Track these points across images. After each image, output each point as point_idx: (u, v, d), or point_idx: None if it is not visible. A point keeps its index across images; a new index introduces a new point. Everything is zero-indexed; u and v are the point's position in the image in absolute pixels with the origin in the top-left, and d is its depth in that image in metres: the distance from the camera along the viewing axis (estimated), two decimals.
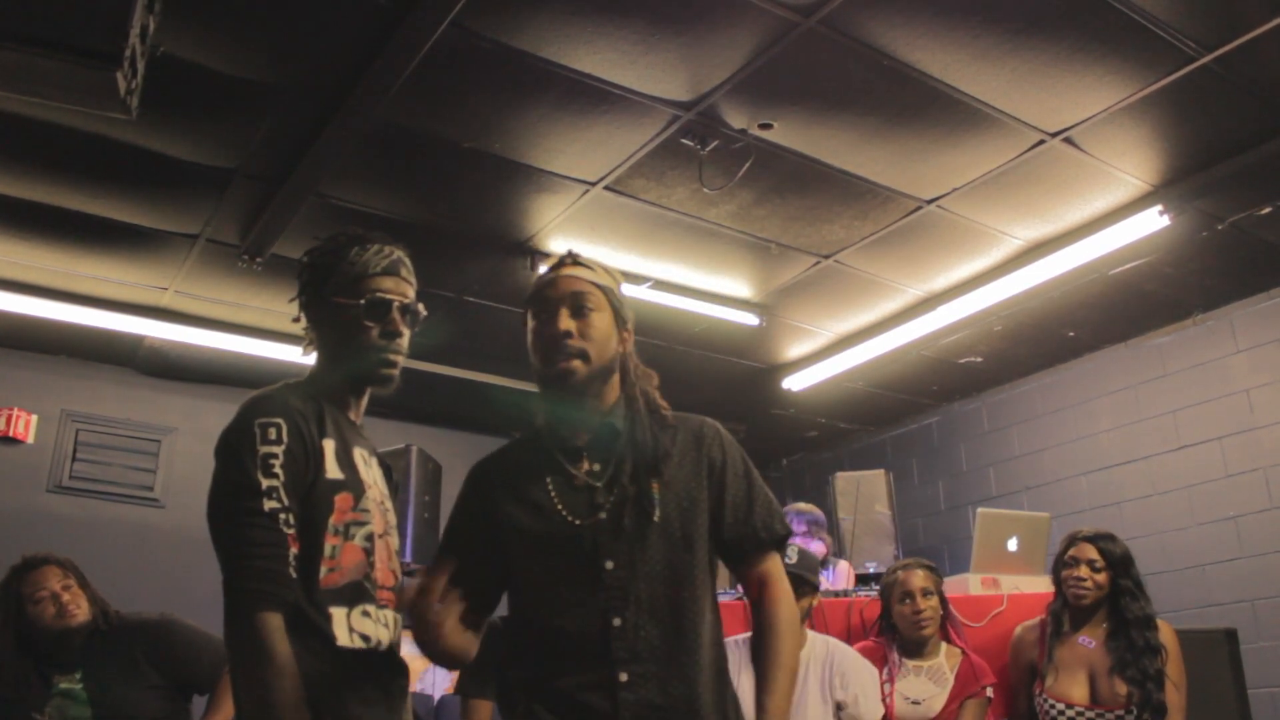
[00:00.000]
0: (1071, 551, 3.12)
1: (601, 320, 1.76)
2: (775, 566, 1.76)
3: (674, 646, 1.61)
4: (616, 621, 1.60)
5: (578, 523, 1.66)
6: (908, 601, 3.21)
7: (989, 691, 3.12)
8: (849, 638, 3.34)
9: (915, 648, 3.22)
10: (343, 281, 1.77)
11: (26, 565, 2.77)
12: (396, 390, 1.82)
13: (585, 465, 1.73)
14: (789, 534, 1.80)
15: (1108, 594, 3.05)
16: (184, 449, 5.57)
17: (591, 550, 1.64)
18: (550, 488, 1.71)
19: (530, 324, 1.83)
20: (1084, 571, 3.05)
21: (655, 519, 1.66)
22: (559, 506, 1.68)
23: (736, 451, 1.79)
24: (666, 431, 1.76)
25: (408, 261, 1.84)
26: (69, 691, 2.67)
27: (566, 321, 1.74)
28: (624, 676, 1.58)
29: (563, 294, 1.78)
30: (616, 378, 1.80)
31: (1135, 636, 2.95)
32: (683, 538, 1.67)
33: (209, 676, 2.76)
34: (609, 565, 1.63)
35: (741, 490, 1.75)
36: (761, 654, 1.69)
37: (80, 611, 2.72)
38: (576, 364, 1.72)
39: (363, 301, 1.75)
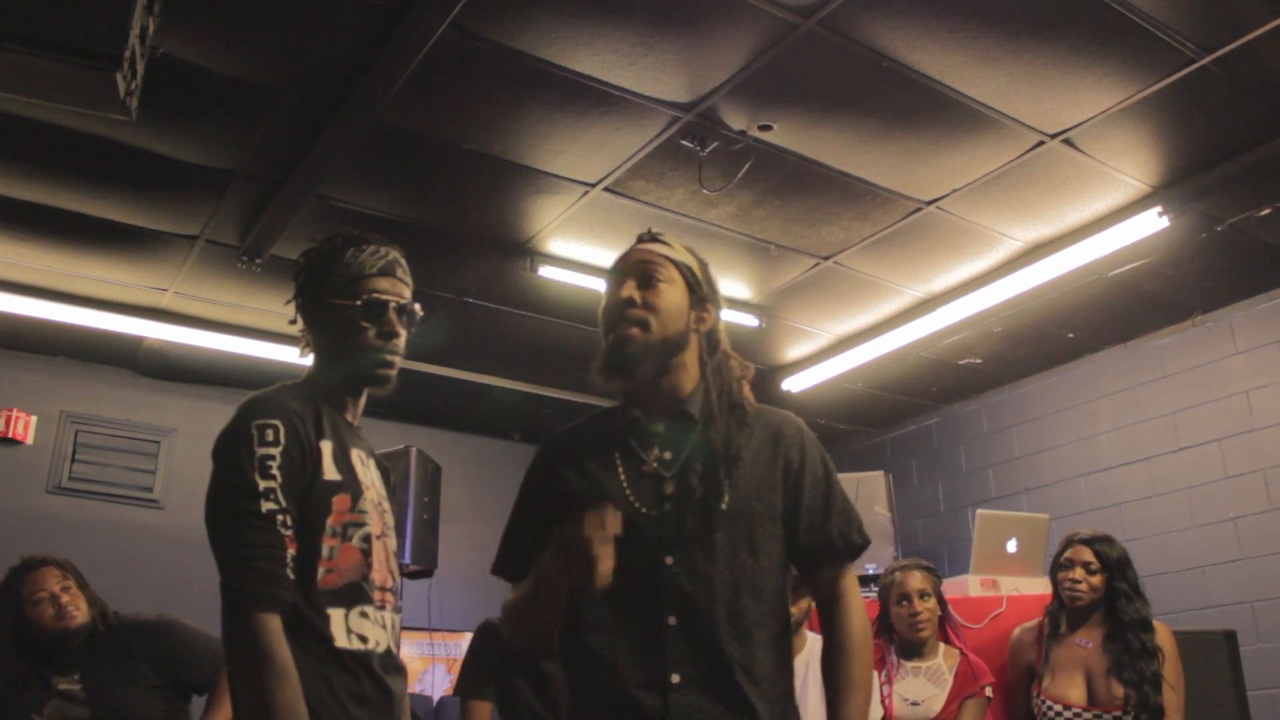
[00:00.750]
0: (1067, 554, 3.12)
1: (671, 292, 1.71)
2: (849, 579, 1.68)
3: (732, 653, 1.54)
4: (672, 620, 1.55)
5: (645, 510, 1.61)
6: (904, 603, 3.21)
7: (988, 691, 3.12)
8: None
9: (913, 649, 3.22)
10: (338, 283, 1.77)
11: (25, 566, 2.77)
12: (394, 391, 1.82)
13: (656, 452, 1.67)
14: (867, 544, 1.71)
15: (1104, 596, 3.05)
16: (183, 450, 5.57)
17: (655, 543, 1.60)
18: (620, 471, 1.66)
19: (603, 303, 1.77)
20: (1079, 574, 3.06)
21: (720, 519, 1.60)
22: (627, 492, 1.63)
23: (817, 453, 1.71)
24: (744, 430, 1.68)
25: (404, 262, 1.84)
26: (68, 692, 2.66)
27: (631, 289, 1.70)
28: (676, 678, 1.53)
29: (632, 265, 1.74)
30: (693, 361, 1.72)
31: (1131, 639, 2.95)
32: (748, 542, 1.60)
33: (208, 677, 2.77)
34: (669, 561, 1.58)
35: (819, 496, 1.68)
36: (834, 674, 1.64)
37: (79, 613, 2.72)
38: (635, 331, 1.66)
39: (359, 302, 1.75)
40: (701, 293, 1.75)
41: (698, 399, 1.70)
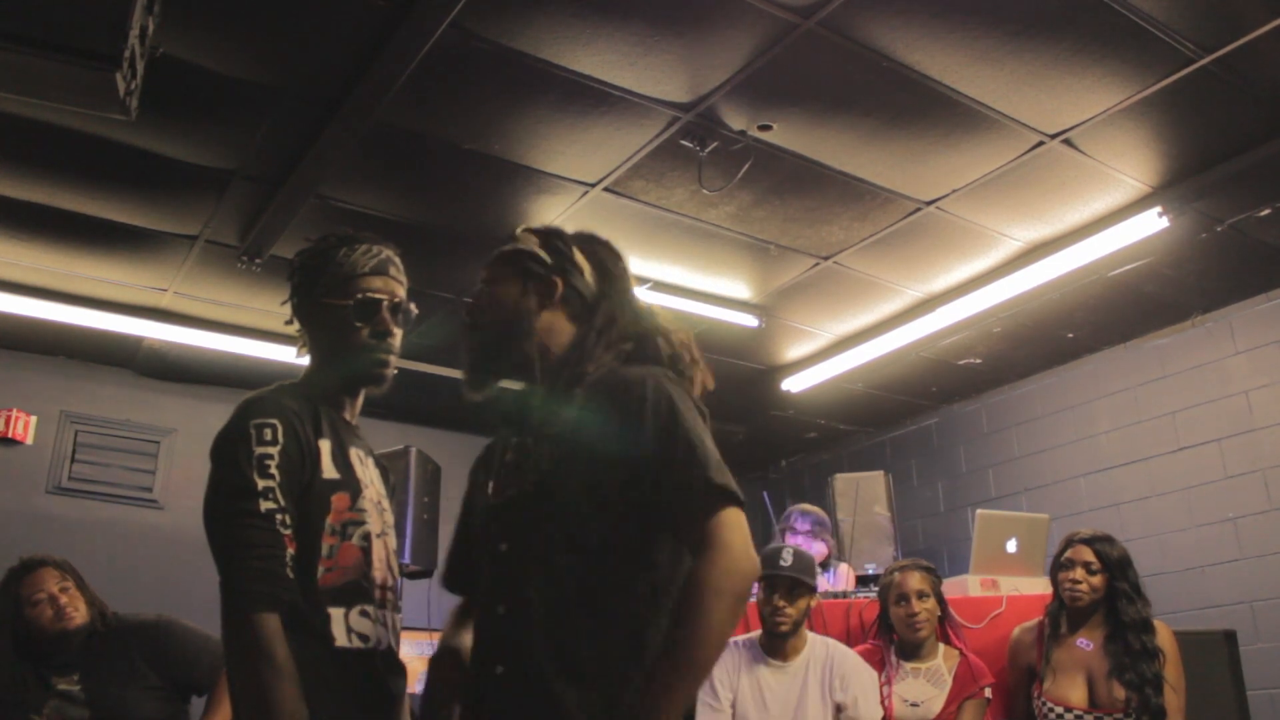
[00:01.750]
0: (1068, 554, 3.11)
1: (499, 289, 1.70)
2: (716, 522, 1.42)
3: (546, 643, 1.44)
4: (501, 609, 1.51)
5: (493, 499, 1.62)
6: (902, 604, 3.21)
7: (987, 692, 3.12)
8: (849, 639, 3.34)
9: (912, 649, 3.22)
10: (332, 282, 1.76)
11: (24, 567, 2.77)
12: (394, 391, 1.83)
13: (515, 437, 1.65)
14: (716, 484, 1.45)
15: (1104, 596, 3.05)
16: (183, 450, 5.57)
17: (493, 531, 1.58)
18: (496, 468, 1.67)
19: None
20: (1079, 574, 3.05)
21: (534, 499, 1.52)
22: (491, 482, 1.64)
23: (651, 404, 1.49)
24: (570, 397, 1.58)
25: (397, 260, 1.83)
26: (67, 693, 2.66)
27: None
28: (499, 669, 1.48)
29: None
30: (558, 336, 1.66)
31: (1132, 640, 2.95)
32: (577, 515, 1.49)
33: (207, 677, 2.76)
34: (503, 547, 1.55)
35: (656, 447, 1.47)
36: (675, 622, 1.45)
37: (78, 614, 2.72)
38: (469, 337, 1.72)
39: (352, 301, 1.75)
40: (533, 269, 1.68)
41: (544, 375, 1.65)
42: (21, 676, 2.67)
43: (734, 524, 1.42)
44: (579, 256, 1.71)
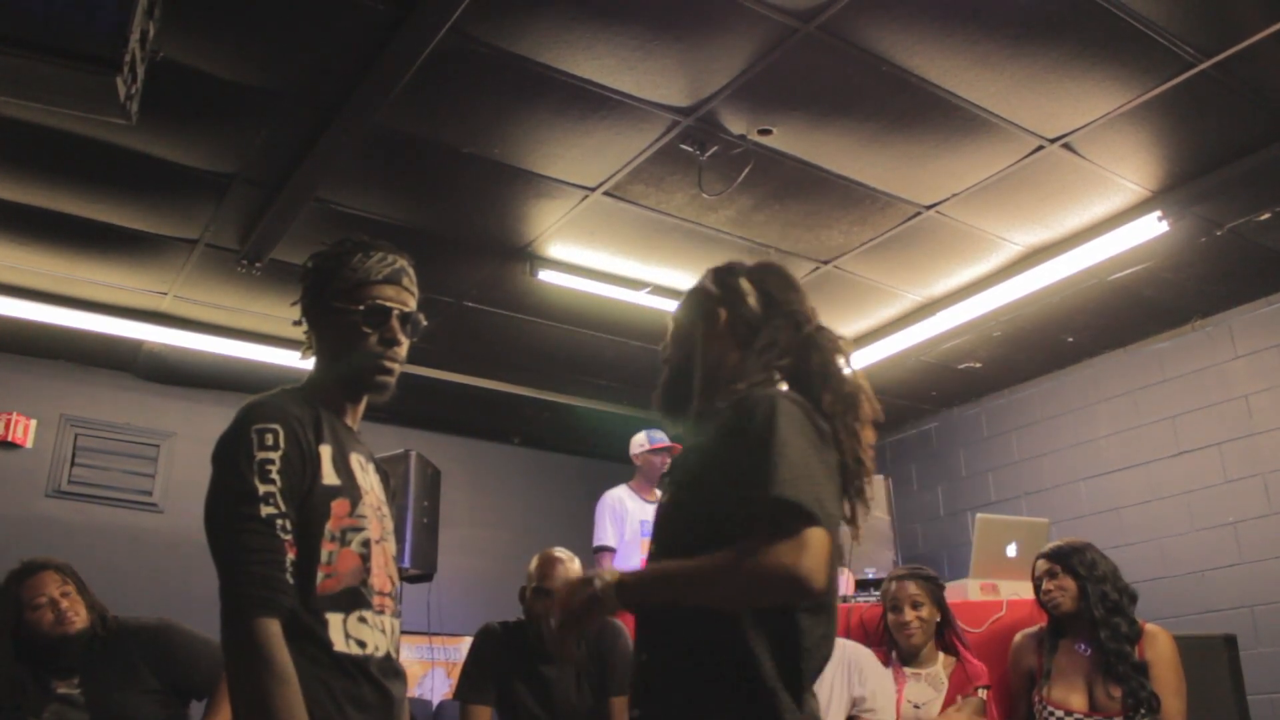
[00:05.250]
0: (1036, 571, 3.22)
1: (678, 326, 1.86)
2: (781, 546, 1.41)
3: (669, 679, 1.53)
4: (644, 656, 1.60)
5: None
6: (895, 612, 3.29)
7: (982, 693, 3.16)
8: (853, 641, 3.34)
9: (909, 656, 3.25)
10: (344, 287, 1.77)
11: (25, 571, 2.76)
12: (394, 395, 1.82)
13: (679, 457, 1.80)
14: (789, 500, 1.44)
15: (1085, 600, 3.09)
16: (183, 454, 5.57)
17: (654, 538, 1.70)
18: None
19: None
20: (1048, 584, 3.14)
21: (669, 520, 1.64)
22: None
23: (762, 420, 1.52)
24: (711, 419, 1.67)
25: (410, 271, 1.84)
26: (67, 697, 2.65)
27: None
28: (636, 713, 1.58)
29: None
30: (732, 364, 1.75)
31: (1104, 638, 3.01)
32: (685, 540, 1.55)
33: (207, 681, 2.76)
34: (654, 550, 1.67)
35: (748, 462, 1.49)
36: None
37: (79, 618, 2.71)
38: (662, 377, 1.84)
39: (362, 308, 1.75)
40: (709, 305, 1.80)
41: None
42: (21, 680, 2.66)
43: (795, 541, 1.40)
44: (745, 285, 1.80)
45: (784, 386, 1.70)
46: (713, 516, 1.51)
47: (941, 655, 3.26)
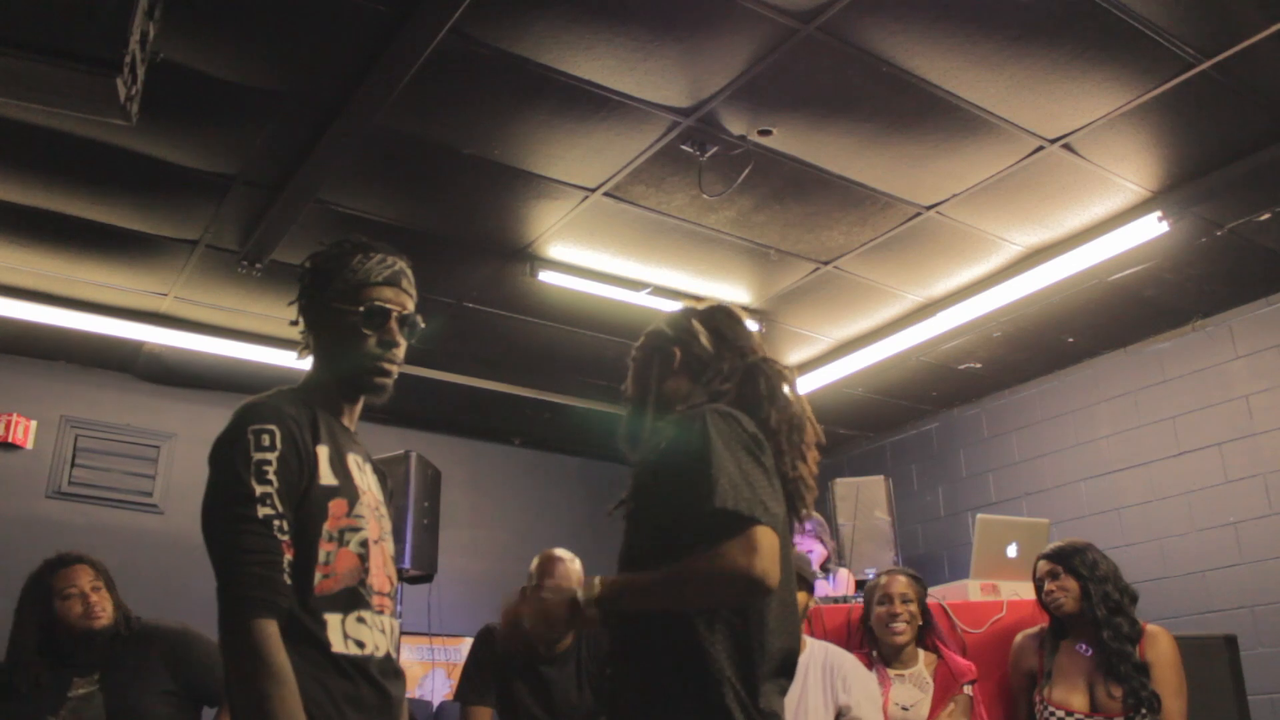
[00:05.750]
0: (1038, 572, 3.22)
1: (636, 369, 1.99)
2: (728, 546, 1.56)
3: (632, 685, 1.71)
4: (609, 670, 1.79)
5: None
6: (885, 604, 3.28)
7: (968, 690, 3.17)
8: (848, 644, 3.35)
9: (893, 654, 3.24)
10: (343, 288, 1.77)
11: (60, 561, 2.81)
12: (394, 396, 1.83)
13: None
14: (727, 510, 1.57)
15: (1086, 600, 3.09)
16: (183, 455, 5.56)
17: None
18: None
19: None
20: (1050, 585, 3.14)
21: (625, 539, 1.77)
22: None
23: (700, 432, 1.67)
24: (652, 439, 1.85)
25: (409, 273, 1.85)
26: (86, 694, 2.68)
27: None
28: (609, 670, 1.77)
29: None
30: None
31: (1107, 639, 3.01)
32: (629, 539, 1.76)
33: (221, 688, 2.78)
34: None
35: (682, 477, 1.67)
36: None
37: (105, 614, 2.76)
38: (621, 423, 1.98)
39: (361, 309, 1.76)
40: (664, 345, 1.94)
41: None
42: (41, 675, 2.69)
43: (744, 544, 1.56)
44: (697, 326, 1.95)
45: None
46: (659, 525, 1.68)
47: (923, 654, 3.28)
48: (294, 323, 1.86)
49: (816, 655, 3.03)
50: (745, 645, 1.63)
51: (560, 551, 3.16)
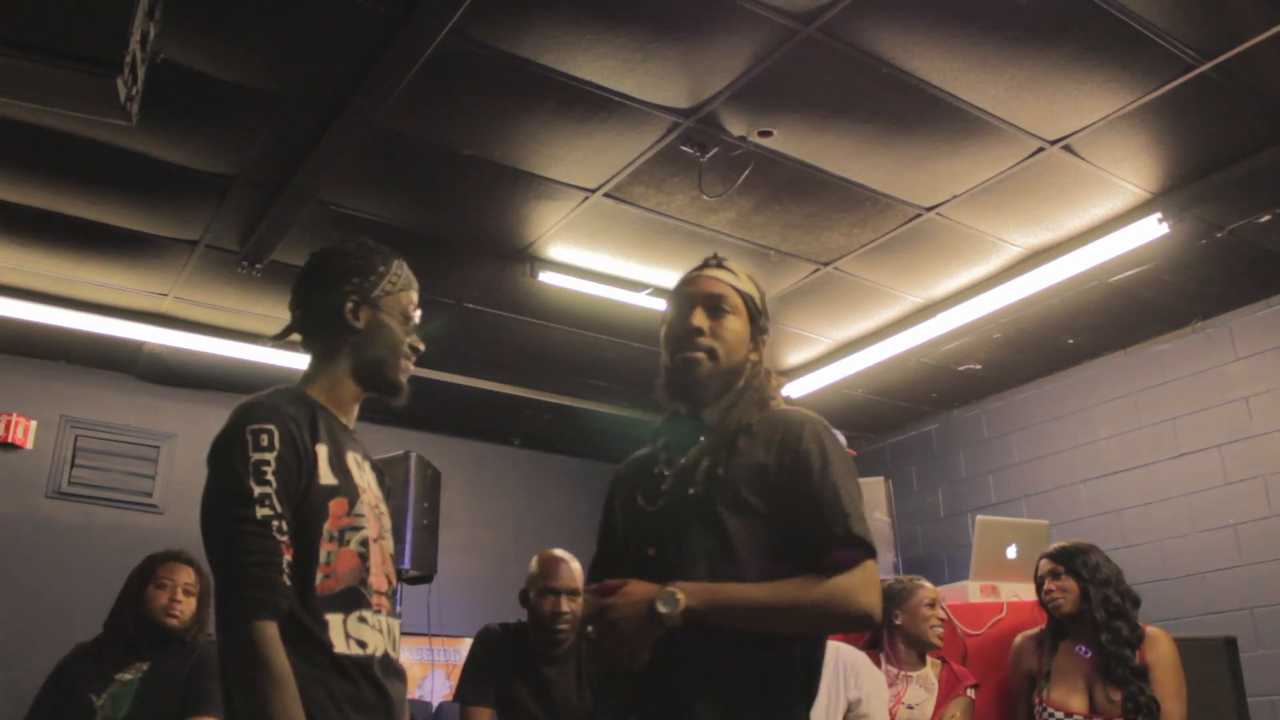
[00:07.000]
0: (1039, 571, 3.23)
1: (735, 324, 1.78)
2: (852, 576, 1.55)
3: (686, 646, 1.54)
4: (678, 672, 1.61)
5: (644, 506, 1.71)
6: (934, 606, 3.32)
7: (970, 693, 3.18)
8: (847, 643, 3.35)
9: (922, 656, 3.27)
10: (376, 293, 1.80)
11: (169, 554, 2.93)
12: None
13: (671, 456, 1.75)
14: (857, 539, 1.58)
15: (1087, 601, 3.09)
16: (183, 455, 5.56)
17: (644, 536, 1.68)
18: (643, 477, 1.77)
19: (666, 320, 1.84)
20: (1050, 584, 3.15)
21: (694, 514, 1.62)
22: (638, 492, 1.74)
23: (816, 448, 1.64)
24: (748, 432, 1.69)
25: None
26: (128, 683, 2.75)
27: (700, 319, 1.76)
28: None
29: (701, 293, 1.80)
30: (741, 385, 1.78)
31: (1105, 641, 3.01)
32: (722, 539, 1.59)
33: (192, 697, 2.81)
34: (650, 553, 1.65)
35: (809, 491, 1.61)
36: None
37: (182, 616, 2.85)
38: (701, 356, 1.73)
39: (406, 317, 1.82)
40: (761, 323, 1.83)
41: (719, 408, 1.76)
42: (96, 660, 2.80)
43: (864, 578, 1.55)
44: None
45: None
46: (742, 536, 1.59)
47: (928, 657, 3.30)
48: (296, 311, 1.87)
49: (829, 653, 3.05)
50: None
51: (560, 552, 3.16)
